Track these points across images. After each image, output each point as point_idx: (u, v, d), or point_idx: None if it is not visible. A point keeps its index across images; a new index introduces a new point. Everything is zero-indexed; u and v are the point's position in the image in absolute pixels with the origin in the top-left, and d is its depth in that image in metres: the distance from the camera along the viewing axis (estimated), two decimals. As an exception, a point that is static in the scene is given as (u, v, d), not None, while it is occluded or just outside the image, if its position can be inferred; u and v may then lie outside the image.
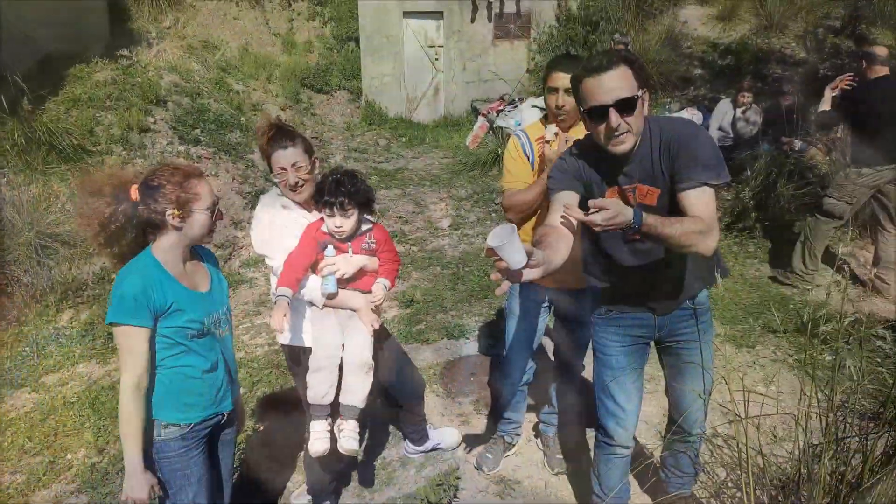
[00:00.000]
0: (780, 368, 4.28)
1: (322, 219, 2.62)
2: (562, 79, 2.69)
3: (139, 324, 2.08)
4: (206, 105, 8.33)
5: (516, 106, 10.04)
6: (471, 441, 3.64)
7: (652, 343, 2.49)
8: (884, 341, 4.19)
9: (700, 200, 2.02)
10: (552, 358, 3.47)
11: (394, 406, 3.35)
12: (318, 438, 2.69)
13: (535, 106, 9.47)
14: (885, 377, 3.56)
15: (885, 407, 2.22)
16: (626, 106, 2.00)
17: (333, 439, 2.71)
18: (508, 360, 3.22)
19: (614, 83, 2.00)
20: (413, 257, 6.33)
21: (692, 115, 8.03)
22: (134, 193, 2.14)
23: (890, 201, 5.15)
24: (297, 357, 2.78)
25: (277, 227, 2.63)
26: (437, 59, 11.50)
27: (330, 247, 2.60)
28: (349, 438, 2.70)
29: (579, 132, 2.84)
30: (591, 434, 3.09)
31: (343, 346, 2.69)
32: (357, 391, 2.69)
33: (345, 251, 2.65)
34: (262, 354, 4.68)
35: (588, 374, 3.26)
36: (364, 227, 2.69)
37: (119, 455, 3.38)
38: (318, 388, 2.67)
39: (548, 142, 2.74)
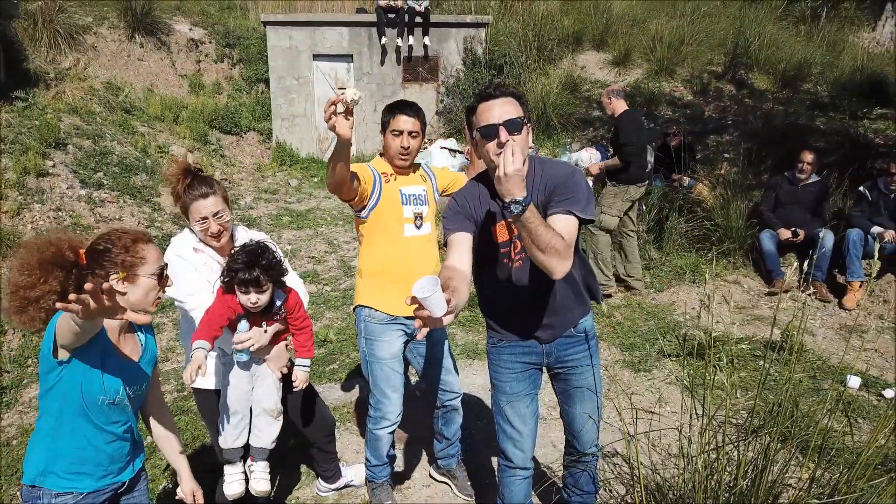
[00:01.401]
0: (673, 389, 4.57)
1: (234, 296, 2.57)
2: (404, 122, 2.98)
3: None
4: (110, 148, 8.14)
5: (426, 147, 10.30)
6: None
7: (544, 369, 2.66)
8: (765, 360, 4.56)
9: (565, 224, 2.21)
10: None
11: (306, 445, 3.38)
12: (233, 481, 2.74)
13: (444, 147, 9.76)
14: (766, 393, 3.91)
15: (752, 417, 2.46)
16: (513, 126, 2.22)
17: (247, 480, 2.75)
18: (382, 402, 3.18)
19: (505, 107, 2.25)
20: (326, 297, 6.37)
21: (591, 154, 8.50)
22: (83, 258, 2.10)
23: (633, 211, 6.23)
24: (208, 400, 2.80)
25: (188, 270, 2.65)
26: (347, 101, 11.67)
27: (244, 321, 2.58)
28: (260, 479, 2.75)
29: (414, 180, 3.09)
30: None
31: (252, 389, 2.73)
32: (267, 434, 2.75)
33: (259, 325, 2.64)
34: (170, 402, 4.59)
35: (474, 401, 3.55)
36: (278, 303, 2.67)
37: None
38: (229, 433, 2.71)
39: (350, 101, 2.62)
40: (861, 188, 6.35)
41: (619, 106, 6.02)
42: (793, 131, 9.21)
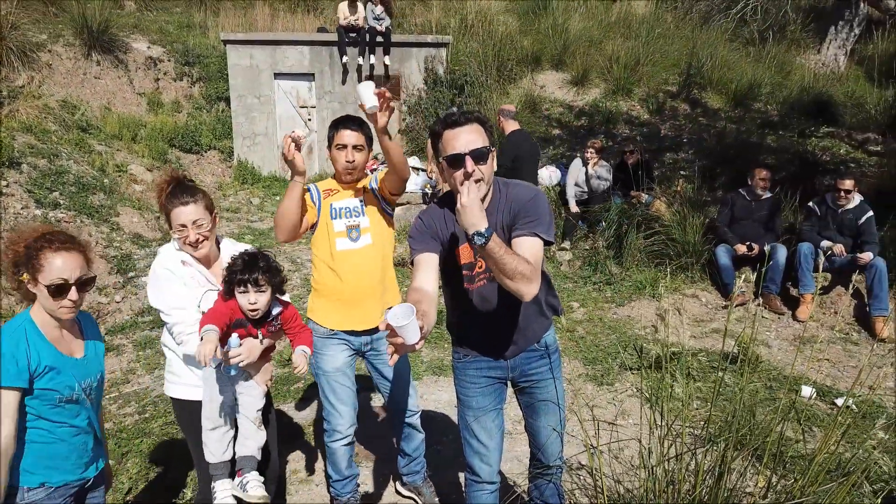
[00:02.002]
0: (635, 401, 4.66)
1: (234, 300, 2.57)
2: (348, 136, 3.00)
3: (11, 385, 2.07)
4: (66, 167, 7.98)
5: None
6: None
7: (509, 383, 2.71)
8: (720, 371, 4.67)
9: (531, 247, 2.27)
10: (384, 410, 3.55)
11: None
12: (225, 496, 2.69)
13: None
14: (723, 403, 4.01)
15: (708, 425, 2.54)
16: (479, 156, 2.26)
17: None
18: (331, 414, 3.20)
19: (470, 136, 2.28)
20: (290, 316, 6.32)
21: (551, 172, 8.64)
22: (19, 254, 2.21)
23: None
24: (192, 412, 2.74)
25: (175, 283, 2.63)
26: (310, 120, 11.67)
27: (235, 335, 2.56)
28: (255, 486, 2.69)
29: (347, 194, 3.11)
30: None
31: (237, 400, 2.72)
32: (253, 441, 2.73)
33: (254, 335, 2.63)
34: (132, 424, 4.50)
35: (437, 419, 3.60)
36: (275, 311, 2.68)
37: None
38: (216, 447, 2.68)
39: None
40: (811, 204, 6.59)
41: (509, 126, 6.43)
42: (745, 149, 9.52)
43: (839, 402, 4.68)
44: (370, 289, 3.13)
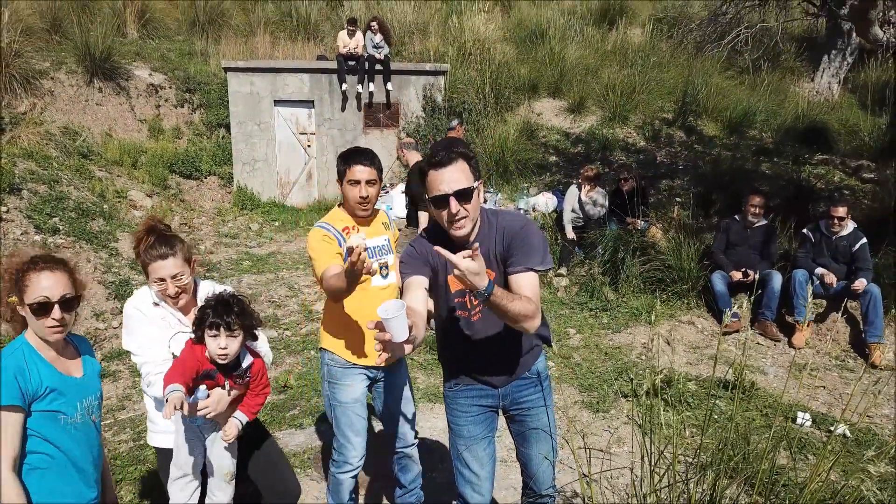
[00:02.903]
0: (629, 429, 4.65)
1: (203, 347, 2.52)
2: (360, 171, 2.98)
3: (12, 404, 2.09)
4: (66, 192, 8.04)
5: (387, 191, 10.42)
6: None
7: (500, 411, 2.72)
8: (714, 398, 4.67)
9: (529, 283, 2.33)
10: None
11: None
12: None
13: (405, 192, 9.87)
14: (717, 430, 4.01)
15: (700, 453, 2.55)
16: (464, 195, 2.31)
17: None
18: (344, 446, 3.18)
19: (454, 175, 2.31)
20: (287, 342, 6.33)
21: (548, 199, 8.70)
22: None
23: None
24: (169, 459, 2.74)
25: (145, 323, 2.62)
26: (309, 146, 11.78)
27: (202, 387, 2.51)
28: None
29: (376, 230, 3.15)
30: None
31: (206, 452, 2.69)
32: (222, 494, 2.71)
33: (221, 385, 2.57)
34: (126, 451, 4.49)
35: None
36: (245, 363, 2.63)
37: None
38: (179, 496, 2.67)
39: (349, 248, 2.65)
40: (805, 230, 6.63)
41: (412, 157, 6.64)
42: (740, 176, 9.60)
43: (836, 429, 4.68)
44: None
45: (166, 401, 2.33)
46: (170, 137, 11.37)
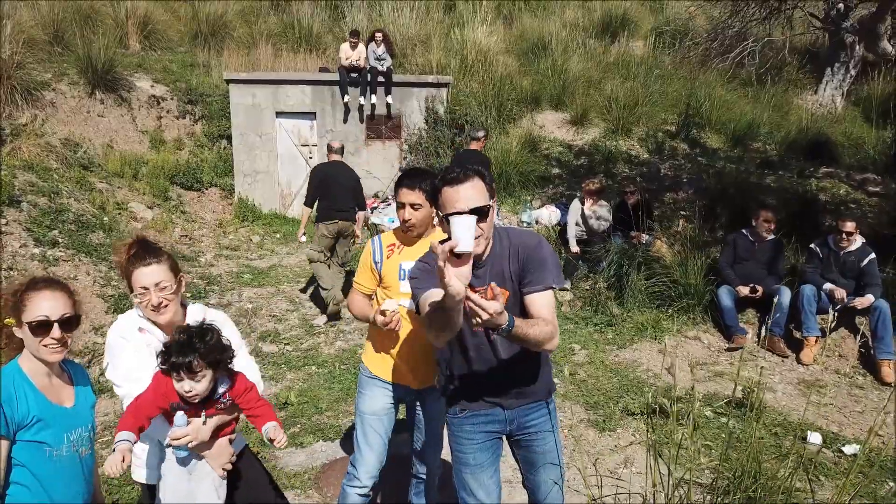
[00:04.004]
0: (638, 448, 4.56)
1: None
2: (404, 195, 2.92)
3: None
4: (66, 205, 7.98)
5: (390, 203, 10.36)
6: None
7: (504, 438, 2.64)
8: (728, 419, 4.59)
9: (547, 302, 2.30)
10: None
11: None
12: None
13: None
14: (729, 453, 3.92)
15: (717, 478, 2.46)
16: (480, 214, 2.23)
17: None
18: (356, 457, 3.12)
19: (469, 193, 2.24)
20: (287, 357, 6.25)
21: (551, 212, 8.62)
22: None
23: (340, 245, 7.23)
24: (151, 494, 2.62)
25: (127, 351, 2.46)
26: (311, 158, 11.72)
27: (180, 414, 2.35)
28: None
29: (419, 252, 3.02)
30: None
31: (191, 488, 2.48)
32: None
33: (197, 416, 2.40)
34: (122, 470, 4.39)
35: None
36: (221, 389, 2.45)
37: None
38: None
39: (382, 312, 2.89)
40: (812, 245, 6.55)
41: (333, 158, 7.29)
42: (744, 189, 9.54)
43: (847, 450, 4.59)
44: (422, 349, 3.01)
45: (114, 450, 2.18)
46: (171, 149, 11.33)
